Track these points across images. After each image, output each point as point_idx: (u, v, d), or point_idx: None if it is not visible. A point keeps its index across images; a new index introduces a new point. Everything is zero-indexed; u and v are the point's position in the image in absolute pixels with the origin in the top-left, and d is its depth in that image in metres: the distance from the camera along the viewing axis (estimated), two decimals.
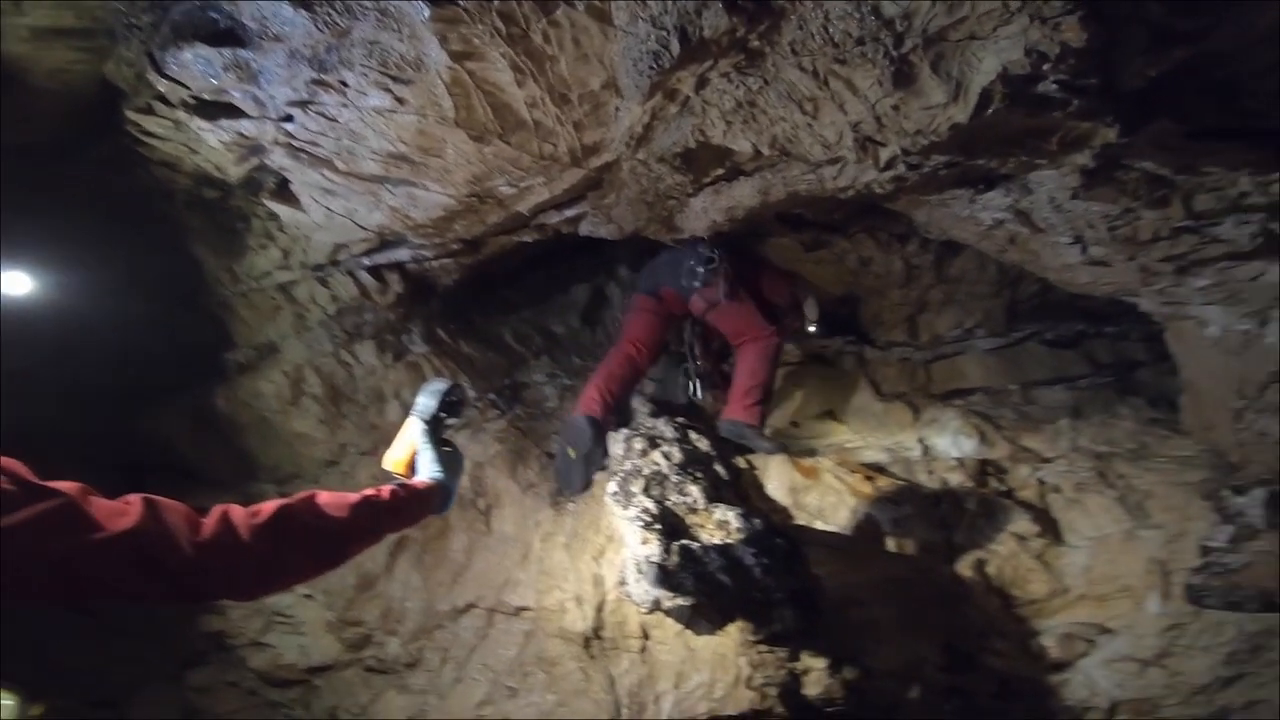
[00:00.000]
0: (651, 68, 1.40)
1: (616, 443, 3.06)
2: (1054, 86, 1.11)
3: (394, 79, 1.74)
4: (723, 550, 2.51)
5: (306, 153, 2.17)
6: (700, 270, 3.21)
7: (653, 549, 2.49)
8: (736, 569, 2.45)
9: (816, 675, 2.54)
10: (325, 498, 1.20)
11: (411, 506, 1.35)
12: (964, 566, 3.19)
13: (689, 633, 2.60)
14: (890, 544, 3.14)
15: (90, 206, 2.85)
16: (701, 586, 2.39)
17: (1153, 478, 3.29)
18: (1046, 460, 3.58)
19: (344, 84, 1.77)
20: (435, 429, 1.59)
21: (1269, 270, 1.69)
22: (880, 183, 1.81)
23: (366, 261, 3.00)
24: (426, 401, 1.62)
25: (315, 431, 3.46)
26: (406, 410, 3.42)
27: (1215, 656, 2.69)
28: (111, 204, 2.87)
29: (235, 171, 2.54)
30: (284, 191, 2.56)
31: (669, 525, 2.65)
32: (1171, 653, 2.81)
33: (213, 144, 2.26)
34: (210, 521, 1.04)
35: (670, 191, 2.42)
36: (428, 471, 1.49)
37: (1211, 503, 2.80)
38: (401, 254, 2.94)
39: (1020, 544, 3.26)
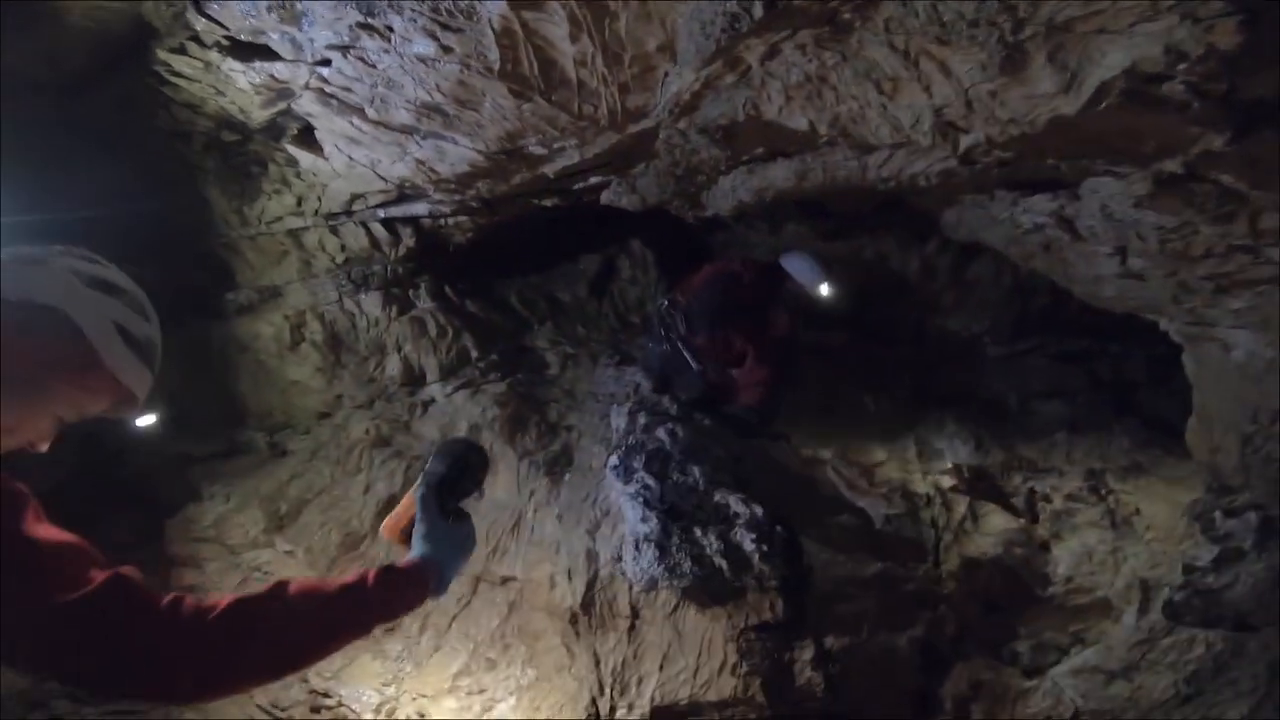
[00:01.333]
0: (725, 31, 1.33)
1: (620, 416, 3.03)
2: (1181, 88, 1.07)
3: (443, 26, 1.67)
4: (723, 534, 2.51)
5: (338, 99, 2.10)
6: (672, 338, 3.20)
7: (653, 527, 2.48)
8: (735, 554, 2.44)
9: (800, 667, 2.56)
10: (298, 588, 1.01)
11: (398, 594, 1.14)
12: (948, 568, 3.22)
13: (677, 615, 2.60)
14: (880, 541, 3.16)
15: (105, 143, 2.80)
16: (699, 569, 2.39)
17: (1143, 496, 3.34)
18: (1040, 470, 3.62)
19: (390, 29, 1.70)
20: (439, 496, 1.35)
21: None
22: (928, 175, 1.78)
23: (381, 214, 2.93)
24: (435, 465, 1.39)
25: (312, 380, 3.41)
26: (405, 365, 3.44)
27: (1179, 674, 2.74)
28: (128, 142, 2.83)
29: (259, 115, 2.48)
30: (307, 138, 2.51)
31: (669, 504, 2.64)
32: (1139, 667, 2.85)
33: (241, 86, 2.20)
34: (163, 602, 0.89)
35: (702, 166, 2.37)
36: (419, 548, 1.25)
37: (1200, 523, 2.84)
38: (419, 208, 2.87)
39: (1006, 550, 3.29)
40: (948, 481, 3.51)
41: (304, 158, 2.58)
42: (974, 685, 2.92)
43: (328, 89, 2.06)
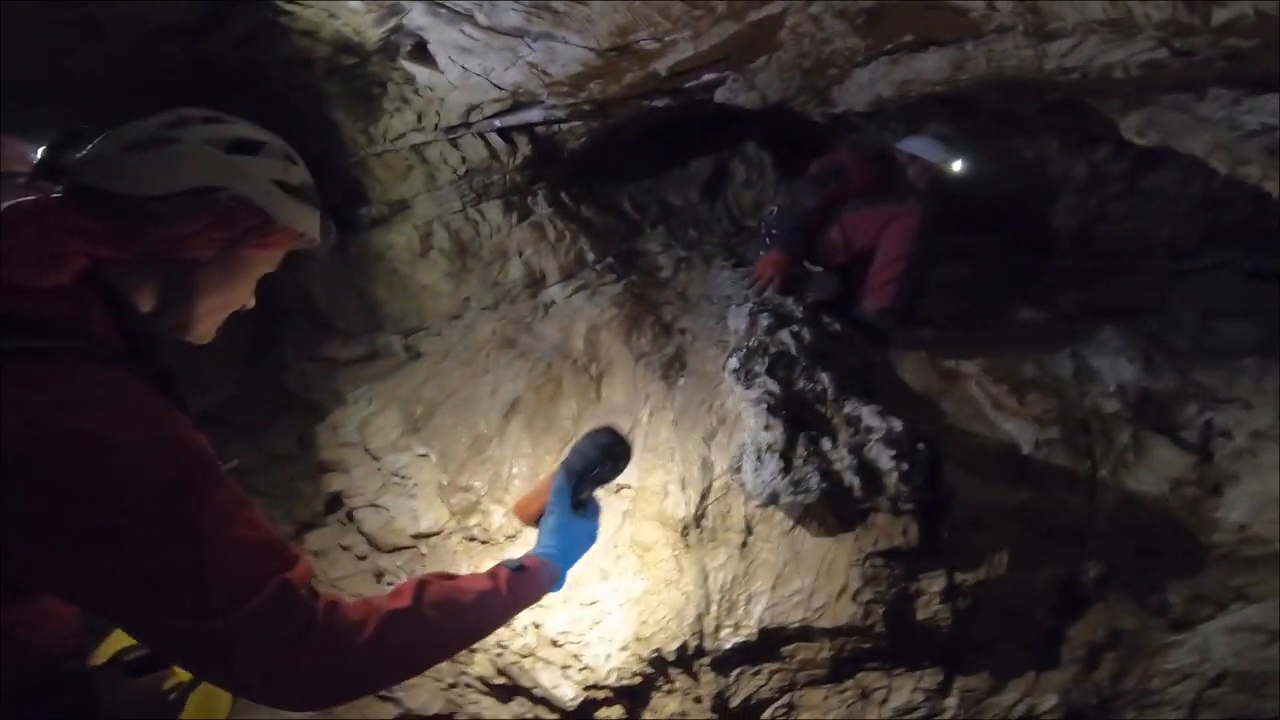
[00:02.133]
0: None
1: (739, 317, 2.89)
2: None
3: None
4: (856, 449, 2.36)
5: (447, 7, 2.03)
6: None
7: (776, 436, 2.37)
8: (869, 471, 2.30)
9: (927, 599, 2.44)
10: (437, 598, 1.03)
11: (525, 593, 1.22)
12: (1102, 504, 2.93)
13: (795, 534, 2.51)
14: (1027, 467, 2.91)
15: (232, 80, 2.87)
16: (826, 485, 2.28)
17: None
18: (1221, 400, 3.18)
19: None
20: (575, 488, 1.36)
21: None
22: (1127, 66, 1.47)
23: (498, 123, 2.92)
24: (577, 456, 1.38)
25: (441, 284, 3.52)
26: (526, 268, 3.47)
27: None
28: (255, 75, 2.91)
29: (373, 34, 2.48)
30: (420, 52, 2.51)
31: (793, 413, 2.51)
32: None
33: (354, 5, 2.15)
34: (319, 616, 0.92)
35: (835, 58, 2.12)
36: (546, 542, 1.31)
37: None
38: (533, 115, 2.81)
39: (1172, 489, 2.96)
40: (1110, 406, 3.14)
41: (420, 73, 2.58)
42: (1112, 633, 2.69)
43: None
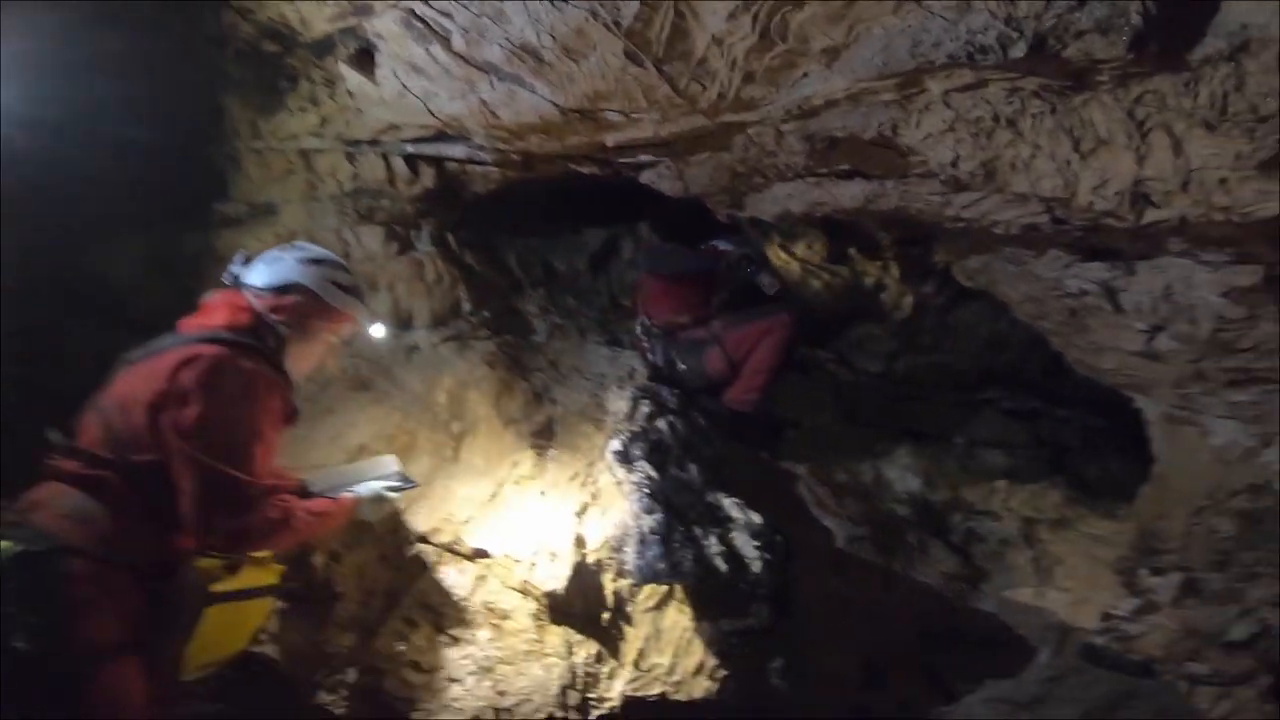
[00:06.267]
0: (951, 58, 1.28)
1: (621, 399, 2.97)
2: None
3: None
4: (721, 536, 2.52)
5: (427, 22, 1.92)
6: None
7: (658, 520, 2.46)
8: (735, 559, 2.46)
9: (770, 674, 2.62)
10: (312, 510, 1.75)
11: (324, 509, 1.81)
12: (895, 593, 3.40)
13: (659, 612, 2.59)
14: (842, 560, 3.28)
15: (141, 43, 2.61)
16: (699, 569, 2.39)
17: (1066, 548, 3.66)
18: (979, 513, 3.88)
19: None
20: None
21: None
22: (1010, 224, 1.84)
23: (409, 149, 2.72)
24: (374, 482, 2.06)
25: None
26: (393, 305, 3.21)
27: (1078, 708, 3.02)
28: (163, 45, 2.69)
29: (320, 28, 2.36)
30: (362, 59, 2.36)
31: (668, 499, 2.62)
32: (1044, 701, 3.12)
33: None
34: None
35: (769, 169, 2.34)
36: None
37: (1122, 577, 3.14)
38: (456, 150, 2.69)
39: (945, 583, 3.52)
40: (901, 510, 3.70)
41: (351, 78, 2.37)
42: (901, 704, 3.12)
43: (422, 9, 1.87)
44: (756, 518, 2.62)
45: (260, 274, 1.79)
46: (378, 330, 1.90)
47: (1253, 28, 1.11)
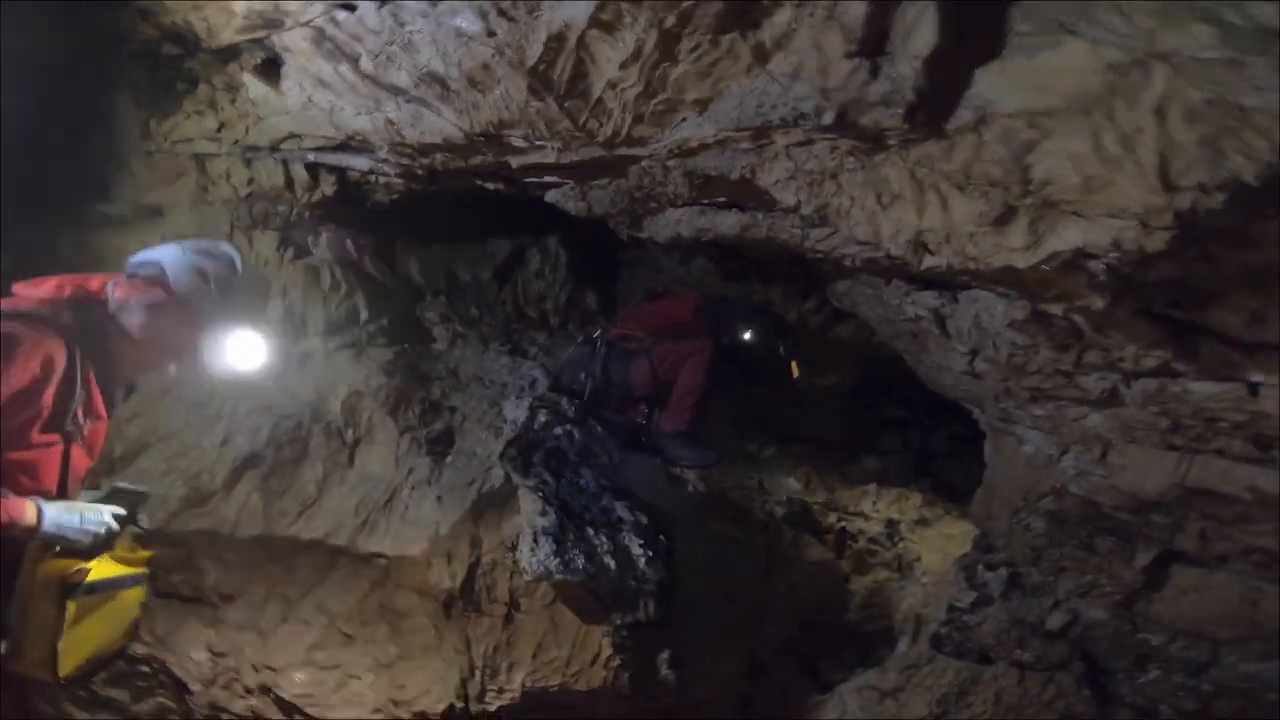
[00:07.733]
0: (784, 119, 1.54)
1: (519, 409, 3.09)
2: (1103, 266, 1.47)
3: (500, 11, 1.70)
4: (611, 536, 2.69)
5: (336, 43, 1.98)
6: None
7: (551, 521, 2.60)
8: (622, 555, 2.64)
9: (660, 664, 2.82)
10: None
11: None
12: (776, 590, 3.69)
13: (555, 607, 2.73)
14: (725, 559, 3.53)
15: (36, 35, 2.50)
16: (590, 566, 2.55)
17: (925, 546, 4.08)
18: (850, 514, 4.25)
19: None
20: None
21: (1090, 416, 2.30)
22: (855, 258, 2.12)
23: (311, 157, 2.74)
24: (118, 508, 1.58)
25: None
26: (287, 312, 3.18)
27: (933, 695, 3.38)
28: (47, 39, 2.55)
29: (227, 35, 2.30)
30: (268, 69, 2.34)
31: (563, 501, 2.77)
32: (905, 688, 3.48)
33: (236, 5, 2.00)
34: None
35: (661, 196, 2.55)
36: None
37: (965, 573, 3.55)
38: (359, 162, 2.73)
39: (818, 579, 3.85)
40: (780, 512, 4.01)
41: (255, 87, 2.36)
42: (783, 693, 3.39)
43: (331, 31, 1.94)
44: (643, 518, 2.81)
45: (141, 255, 1.66)
46: (253, 350, 1.65)
47: (993, 102, 1.39)
